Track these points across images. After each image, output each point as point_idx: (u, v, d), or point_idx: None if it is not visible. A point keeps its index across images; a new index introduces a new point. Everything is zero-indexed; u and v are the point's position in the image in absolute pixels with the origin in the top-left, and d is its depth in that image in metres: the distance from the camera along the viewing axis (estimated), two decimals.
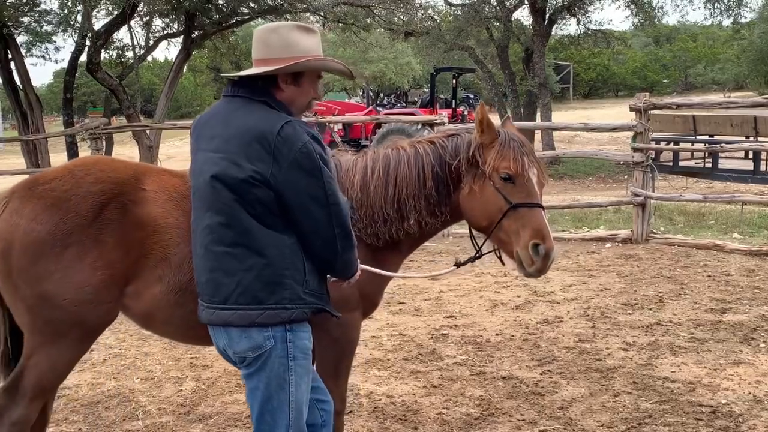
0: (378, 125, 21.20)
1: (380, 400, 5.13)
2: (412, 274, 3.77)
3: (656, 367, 5.63)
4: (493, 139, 3.41)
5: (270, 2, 18.36)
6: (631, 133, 10.72)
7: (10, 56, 17.63)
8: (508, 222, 3.34)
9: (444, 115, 13.01)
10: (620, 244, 10.12)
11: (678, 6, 33.33)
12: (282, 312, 2.79)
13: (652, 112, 10.64)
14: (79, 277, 3.12)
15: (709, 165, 15.44)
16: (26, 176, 4.05)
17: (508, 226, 3.35)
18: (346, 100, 40.18)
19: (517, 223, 3.32)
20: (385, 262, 3.66)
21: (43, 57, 20.02)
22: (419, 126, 17.65)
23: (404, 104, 32.95)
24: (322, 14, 20.30)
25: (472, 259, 3.72)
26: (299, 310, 2.82)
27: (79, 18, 18.00)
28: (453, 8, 25.62)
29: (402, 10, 22.98)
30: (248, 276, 2.76)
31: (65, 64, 20.01)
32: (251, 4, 18.87)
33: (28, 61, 18.45)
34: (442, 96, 31.32)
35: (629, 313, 7.00)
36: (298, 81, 2.89)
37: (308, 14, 20.83)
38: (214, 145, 2.83)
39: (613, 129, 11.45)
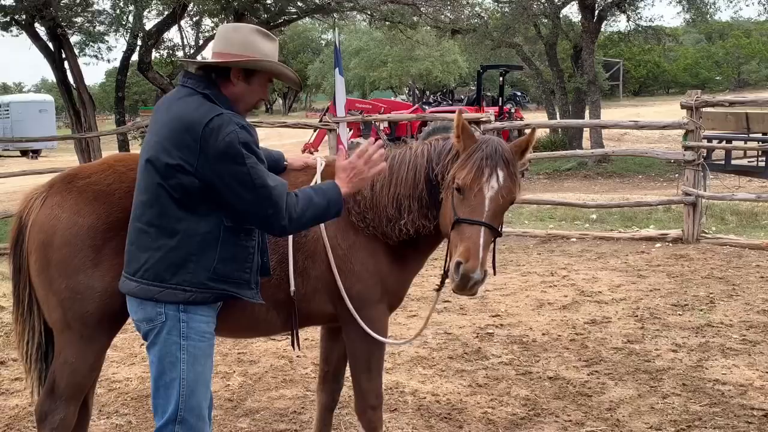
0: (424, 123, 21.18)
1: (425, 398, 5.13)
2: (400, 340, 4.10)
3: (706, 369, 5.53)
4: (467, 147, 3.28)
5: (317, 1, 18.47)
6: (682, 131, 10.56)
7: (64, 56, 18.00)
8: (453, 235, 3.23)
9: (491, 113, 12.93)
10: (670, 244, 9.96)
11: (731, 2, 32.56)
12: (180, 293, 2.92)
13: (704, 109, 10.45)
14: (116, 271, 3.15)
15: (762, 164, 15.06)
16: None
17: (452, 239, 3.25)
18: (392, 99, 40.23)
19: (456, 238, 3.20)
20: (406, 260, 3.68)
21: (96, 57, 20.37)
22: None
23: (450, 102, 32.85)
24: (369, 13, 20.37)
25: (443, 274, 3.57)
26: (199, 294, 2.94)
27: (131, 18, 18.30)
28: (500, 5, 25.47)
29: (449, 7, 22.91)
30: (156, 255, 2.93)
31: (117, 64, 20.39)
32: (299, 4, 19.01)
33: (81, 60, 18.82)
34: (488, 94, 31.17)
35: (679, 314, 6.88)
36: (249, 79, 3.01)
37: (355, 13, 20.90)
38: (154, 129, 3.00)
39: (664, 127, 11.27)
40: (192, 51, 21.92)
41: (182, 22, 19.54)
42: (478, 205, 3.17)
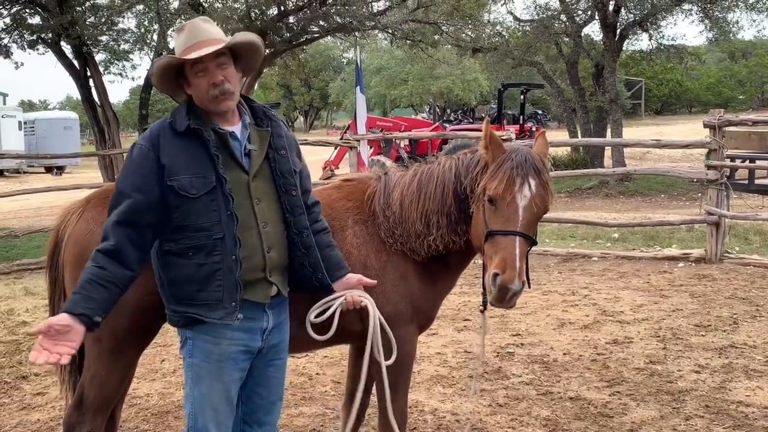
0: (444, 141, 21.22)
1: (444, 417, 5.10)
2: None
3: (730, 390, 5.46)
4: (496, 157, 3.23)
5: (339, 20, 18.58)
6: (705, 150, 10.48)
7: (89, 74, 18.19)
8: (487, 247, 3.17)
9: (511, 131, 12.94)
10: (693, 264, 9.87)
11: (754, 21, 32.46)
12: (169, 315, 3.00)
13: (726, 128, 10.38)
14: (149, 285, 3.15)
15: None
16: None
17: (487, 251, 3.18)
18: (413, 116, 40.35)
19: (491, 249, 3.14)
20: (437, 279, 3.64)
21: (120, 74, 20.59)
22: None
23: (471, 120, 32.87)
24: (390, 31, 20.45)
25: (484, 293, 3.45)
26: (174, 316, 2.97)
27: (155, 37, 18.51)
28: (522, 24, 25.49)
29: (470, 26, 22.97)
30: None
31: (141, 82, 20.57)
32: (321, 23, 19.12)
33: (105, 78, 18.98)
34: (509, 112, 31.18)
35: (702, 335, 6.81)
36: (187, 80, 2.95)
37: (377, 32, 21.01)
38: None
39: (687, 146, 11.22)
40: None
41: None
42: (511, 215, 3.11)
